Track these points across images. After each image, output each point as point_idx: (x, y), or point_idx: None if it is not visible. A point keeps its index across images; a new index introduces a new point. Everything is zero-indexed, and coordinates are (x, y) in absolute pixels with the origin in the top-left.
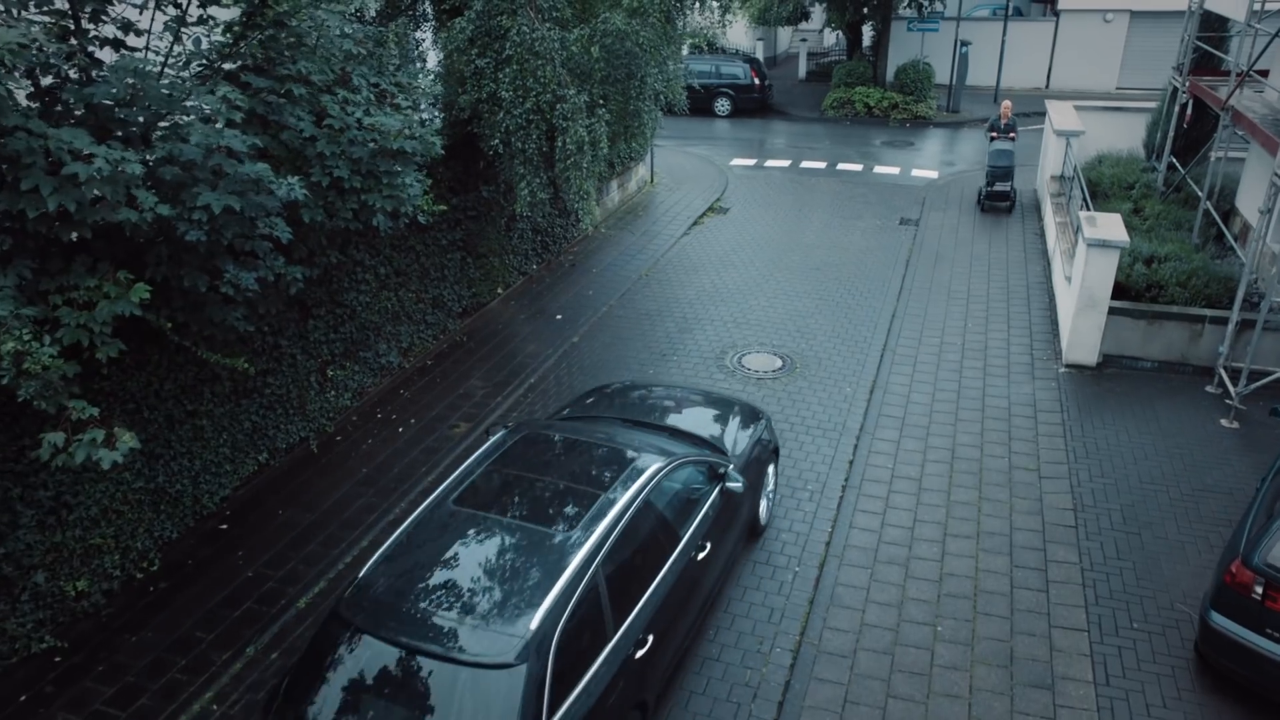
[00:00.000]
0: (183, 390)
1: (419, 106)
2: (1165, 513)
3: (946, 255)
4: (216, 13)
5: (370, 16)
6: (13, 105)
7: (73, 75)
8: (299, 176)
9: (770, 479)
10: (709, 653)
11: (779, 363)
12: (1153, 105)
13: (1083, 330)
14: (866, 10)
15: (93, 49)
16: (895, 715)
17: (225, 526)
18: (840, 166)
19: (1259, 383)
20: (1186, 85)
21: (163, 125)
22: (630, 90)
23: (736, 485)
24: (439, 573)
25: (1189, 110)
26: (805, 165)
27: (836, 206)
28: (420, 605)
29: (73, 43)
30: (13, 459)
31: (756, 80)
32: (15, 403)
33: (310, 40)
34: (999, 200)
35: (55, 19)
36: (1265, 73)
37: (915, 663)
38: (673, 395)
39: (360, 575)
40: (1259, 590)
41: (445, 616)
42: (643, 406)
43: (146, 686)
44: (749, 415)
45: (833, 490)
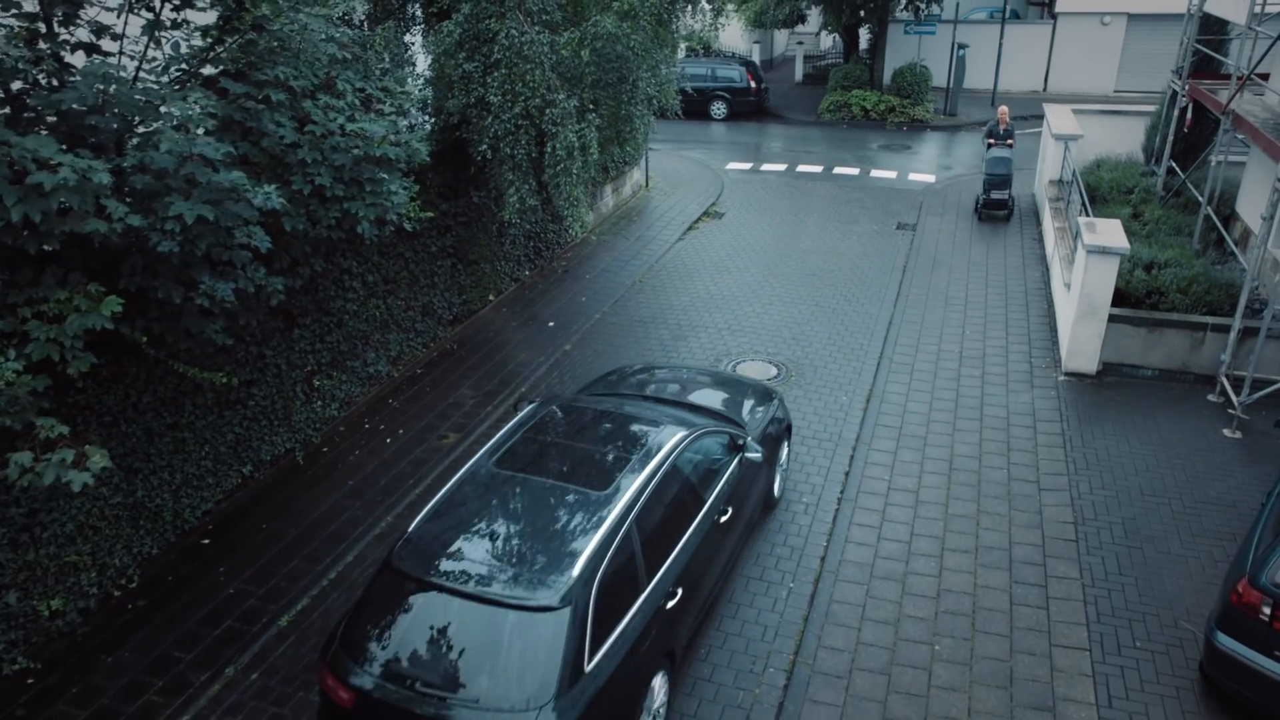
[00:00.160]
0: (162, 403)
1: (407, 112)
2: (1167, 526)
3: (944, 261)
4: (194, 17)
5: (358, 20)
6: None
7: (42, 81)
8: (277, 185)
9: (783, 455)
10: (700, 673)
11: (774, 371)
12: (1151, 109)
13: (1082, 338)
14: (863, 13)
15: (64, 53)
16: None
17: (207, 541)
18: (837, 170)
19: (1262, 392)
20: (1186, 89)
21: (139, 132)
22: (622, 94)
23: (755, 455)
24: (484, 526)
25: (1189, 114)
26: (801, 169)
27: (833, 211)
28: (468, 555)
29: (42, 46)
30: None
31: (753, 83)
32: None
33: (292, 44)
34: (997, 209)
35: (24, 23)
36: (1266, 76)
37: (912, 683)
38: (690, 376)
39: (409, 529)
40: (1267, 611)
41: (492, 565)
42: (662, 385)
43: (122, 710)
44: (764, 394)
45: (828, 503)
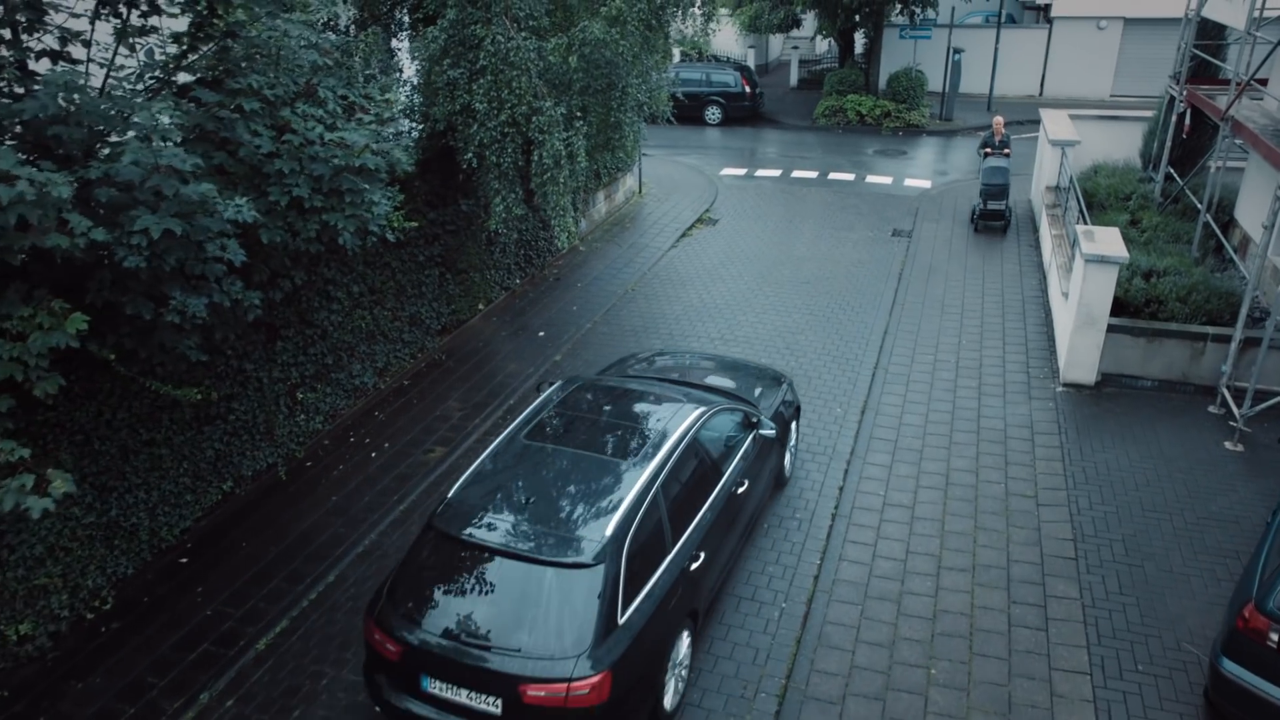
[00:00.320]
0: (138, 419)
1: (394, 118)
2: (1169, 543)
3: (940, 268)
4: (167, 23)
5: (344, 25)
6: None
7: (3, 89)
8: (251, 196)
9: (793, 435)
10: (690, 698)
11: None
12: (1149, 114)
13: (1081, 348)
14: (858, 18)
15: (29, 61)
16: None
17: (185, 560)
18: (832, 176)
19: (1265, 404)
20: (1184, 94)
21: (111, 142)
22: (611, 101)
23: (769, 432)
24: (519, 491)
25: (1187, 120)
26: (796, 175)
27: (828, 217)
28: (505, 517)
29: (4, 54)
30: None
31: (747, 88)
32: None
33: (270, 51)
34: (994, 219)
35: None
36: (1264, 81)
37: (908, 710)
38: (704, 360)
39: (449, 494)
40: (1275, 638)
41: (529, 526)
42: (678, 369)
43: None
44: (774, 377)
45: (822, 519)
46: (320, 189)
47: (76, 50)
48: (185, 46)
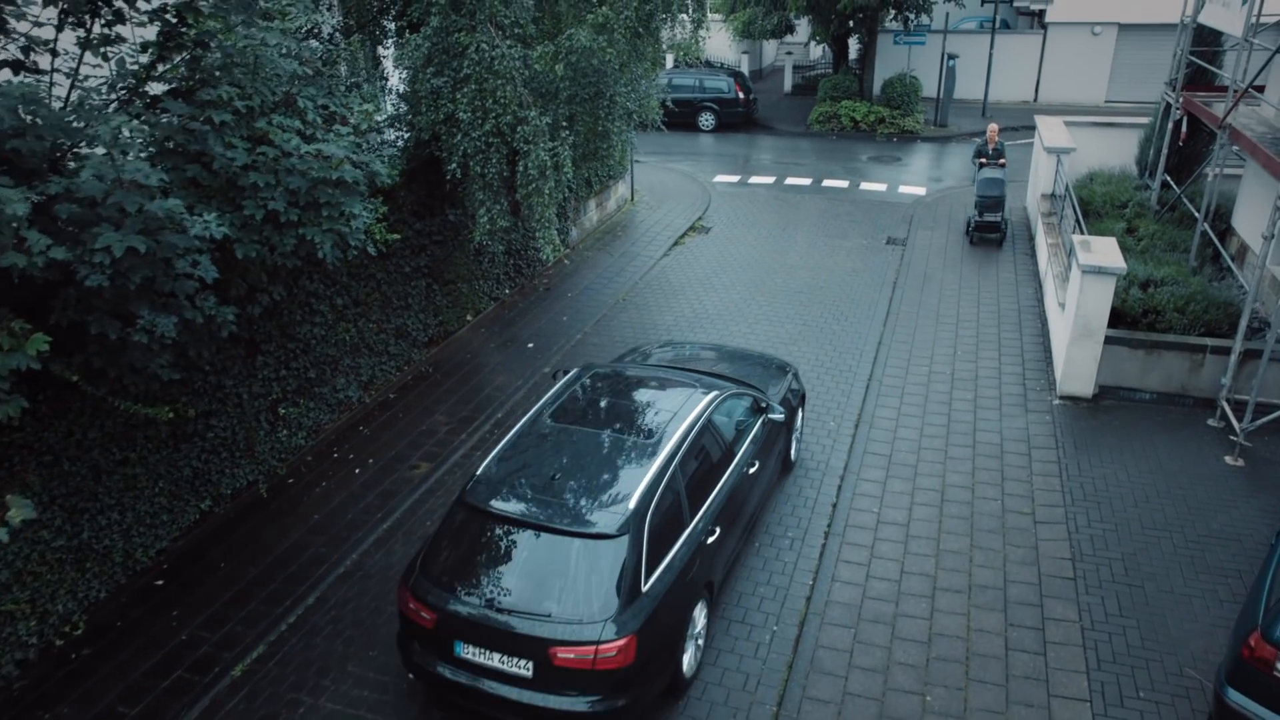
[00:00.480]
0: (110, 438)
1: (378, 127)
2: (1169, 562)
3: (935, 277)
4: (139, 33)
5: (327, 33)
6: None
7: None
8: (219, 212)
9: (798, 422)
10: None
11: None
12: (1145, 121)
13: (1078, 360)
14: (852, 24)
15: None
16: None
17: (161, 582)
18: (826, 183)
19: (1266, 418)
20: (1180, 101)
21: (78, 155)
22: (599, 110)
23: (778, 416)
24: (546, 467)
25: (1183, 127)
26: (790, 182)
27: (822, 225)
28: (533, 491)
29: None
30: None
31: (741, 94)
32: None
33: (246, 60)
34: (989, 231)
35: None
36: (1261, 88)
37: None
38: (712, 349)
39: (478, 471)
40: None
41: (556, 499)
42: (688, 358)
43: None
44: (780, 366)
45: (814, 537)
46: (296, 202)
47: (44, 61)
48: (154, 56)
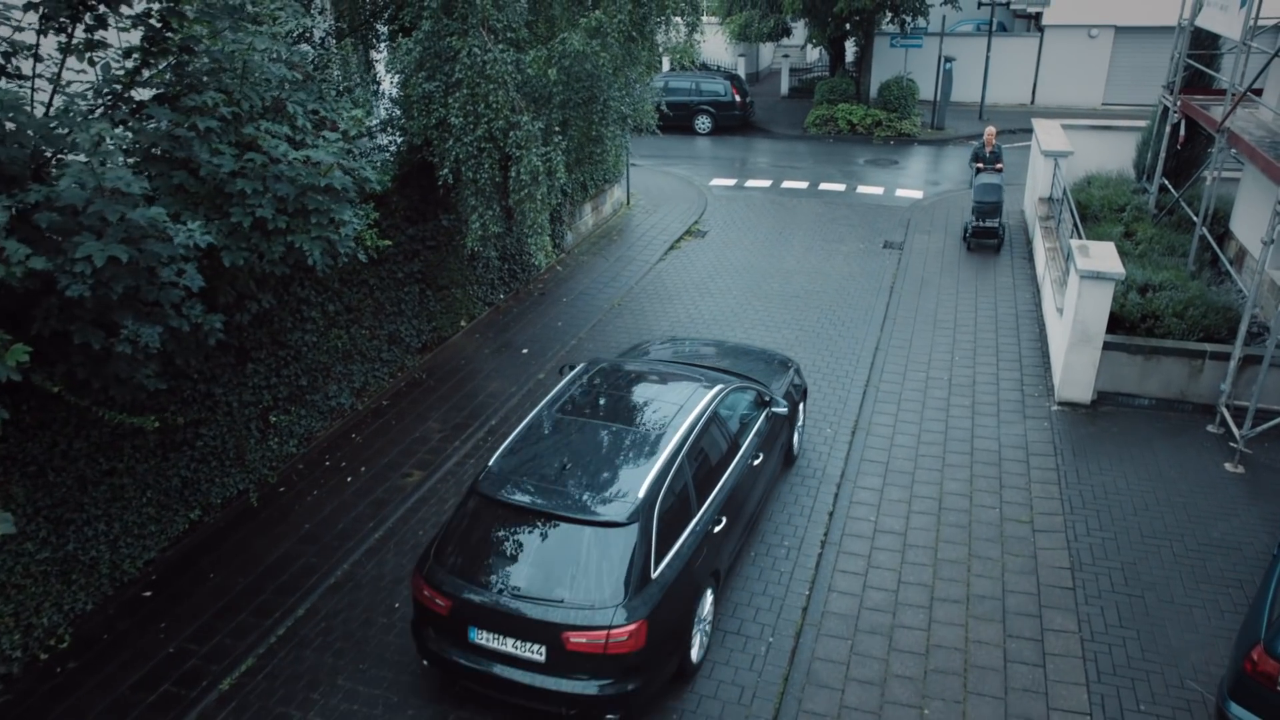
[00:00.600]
0: (97, 448)
1: (366, 135)
2: (1170, 571)
3: (932, 281)
4: (125, 38)
5: (319, 37)
6: None
7: None
8: (203, 220)
9: (800, 416)
10: None
11: None
12: (1142, 124)
13: (1076, 366)
14: (849, 26)
15: None
16: None
17: (149, 594)
18: (822, 186)
19: (1266, 425)
20: (1178, 105)
21: (64, 162)
22: (592, 114)
23: (781, 410)
24: (556, 458)
25: (1181, 130)
26: (787, 185)
27: (818, 229)
28: (545, 481)
29: None
30: None
31: (738, 97)
32: None
33: (234, 65)
34: (987, 237)
35: None
36: (1259, 91)
37: None
38: (715, 345)
39: (490, 463)
40: None
41: (566, 489)
42: (692, 353)
43: None
44: (783, 362)
45: (811, 546)
46: (285, 209)
47: (27, 67)
48: (138, 62)
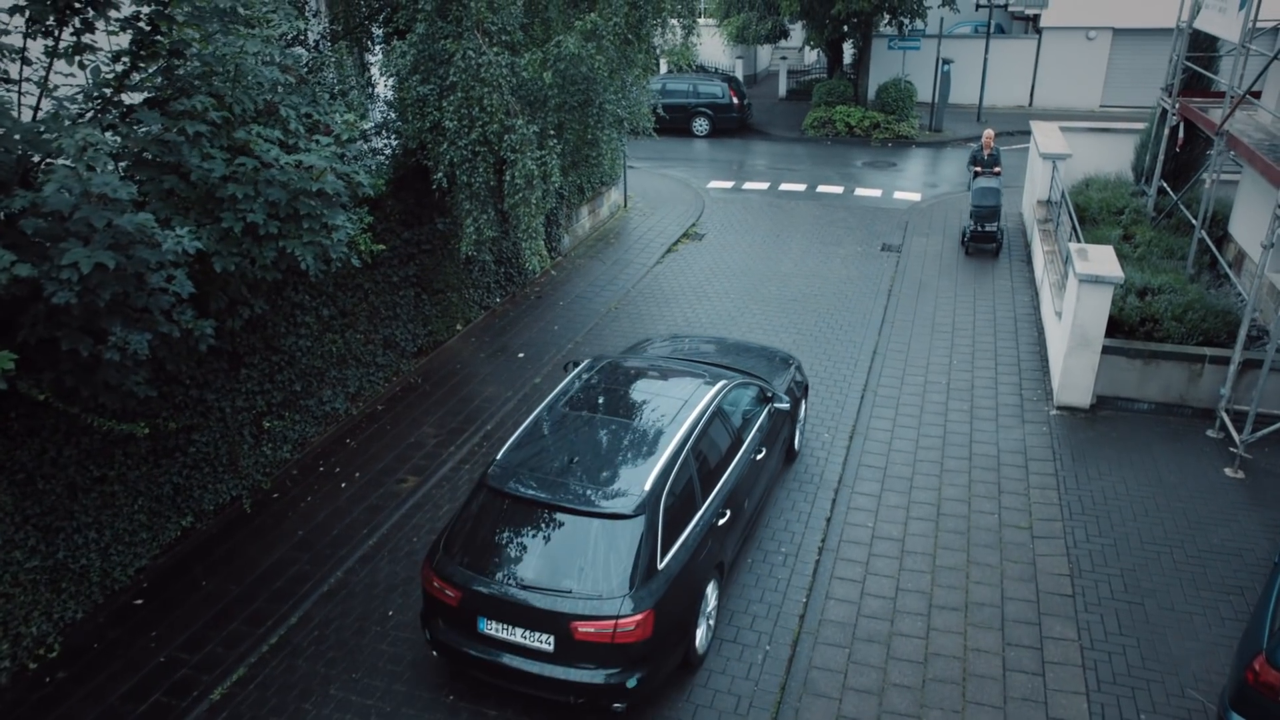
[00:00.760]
0: (87, 455)
1: (360, 138)
2: (1170, 578)
3: (930, 284)
4: (115, 42)
5: (313, 41)
6: None
7: None
8: (191, 226)
9: (802, 413)
10: None
11: None
12: (1140, 126)
13: (1075, 370)
14: (846, 28)
15: None
16: None
17: (140, 601)
18: (820, 189)
19: (1266, 429)
20: (1176, 107)
21: (50, 167)
22: (588, 118)
23: (783, 405)
24: (563, 452)
25: (1180, 133)
26: (784, 188)
27: (816, 232)
28: (552, 475)
29: None
30: None
31: (735, 99)
32: None
33: (226, 69)
34: (985, 242)
35: None
36: (1258, 94)
37: None
38: (717, 342)
39: (498, 456)
40: None
41: (574, 482)
42: (694, 350)
43: None
44: (784, 359)
45: (808, 553)
46: (277, 214)
47: (14, 71)
48: (127, 65)
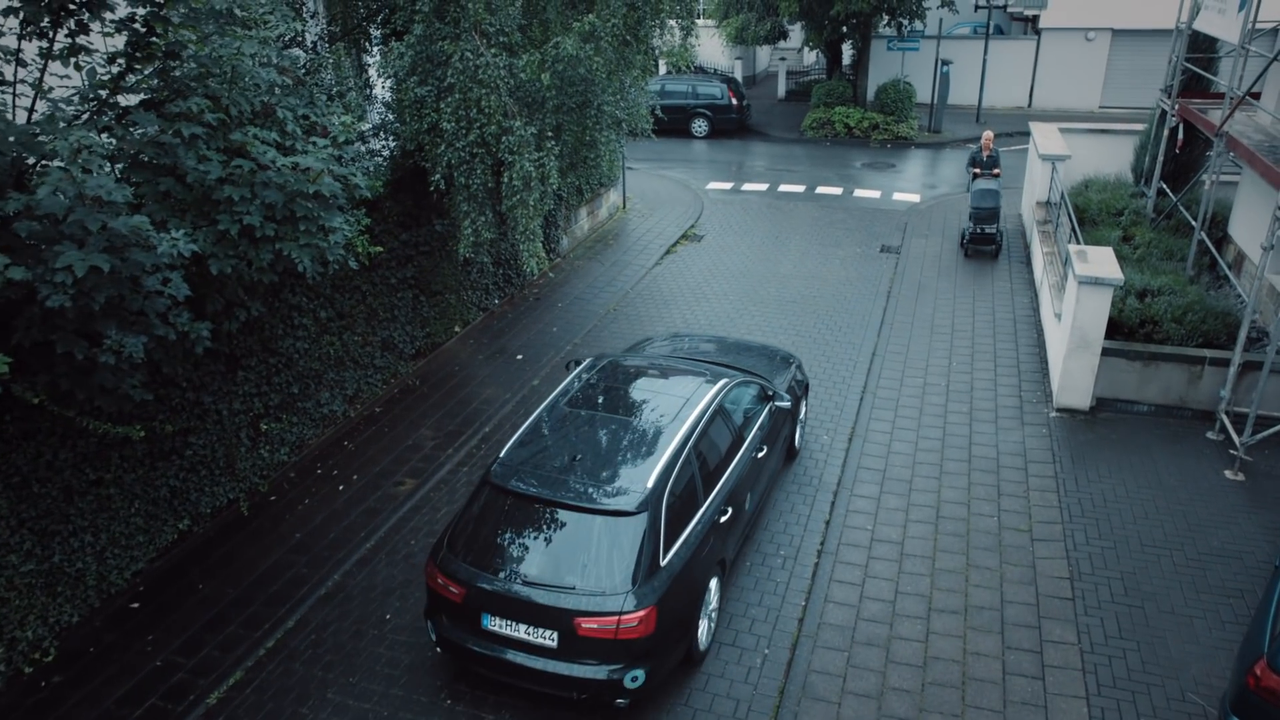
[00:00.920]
0: (83, 458)
1: (357, 140)
2: (1169, 581)
3: (929, 285)
4: (112, 43)
5: (310, 42)
6: None
7: None
8: (188, 229)
9: (802, 411)
10: None
11: None
12: (1139, 127)
13: (1075, 372)
14: (845, 29)
15: None
16: None
17: (136, 605)
18: (819, 190)
19: (1266, 431)
20: (1176, 108)
21: (45, 169)
22: (586, 119)
23: (784, 404)
24: (566, 449)
25: (1179, 134)
26: (783, 189)
27: (815, 233)
28: (555, 472)
29: None
30: None
31: (734, 100)
32: None
33: (222, 70)
34: (984, 244)
35: None
36: (1257, 95)
37: None
38: (718, 341)
39: (501, 454)
40: None
41: (577, 480)
42: (696, 350)
43: None
44: (785, 358)
45: (807, 556)
46: (273, 216)
47: (9, 73)
48: (122, 67)
